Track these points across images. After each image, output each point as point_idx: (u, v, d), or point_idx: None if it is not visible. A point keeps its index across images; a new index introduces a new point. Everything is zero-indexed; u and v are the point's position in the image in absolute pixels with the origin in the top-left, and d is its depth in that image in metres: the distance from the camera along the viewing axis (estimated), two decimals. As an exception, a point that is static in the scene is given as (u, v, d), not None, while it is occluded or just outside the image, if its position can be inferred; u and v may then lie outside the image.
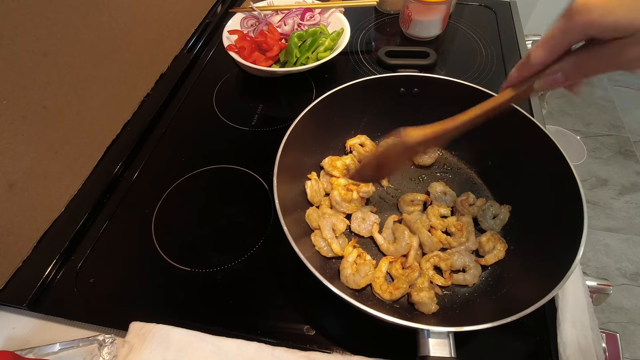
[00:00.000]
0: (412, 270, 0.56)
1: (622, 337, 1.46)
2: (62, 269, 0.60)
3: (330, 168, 0.67)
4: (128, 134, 0.77)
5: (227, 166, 0.73)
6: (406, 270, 0.57)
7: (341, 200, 0.63)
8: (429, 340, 0.42)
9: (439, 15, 0.93)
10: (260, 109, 0.84)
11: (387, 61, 0.71)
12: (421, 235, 0.59)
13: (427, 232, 0.60)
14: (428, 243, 0.59)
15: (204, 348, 0.50)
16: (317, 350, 0.52)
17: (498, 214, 0.63)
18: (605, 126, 2.20)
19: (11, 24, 0.52)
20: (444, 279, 0.57)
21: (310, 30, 0.87)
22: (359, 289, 0.56)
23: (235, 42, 0.85)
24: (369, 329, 0.54)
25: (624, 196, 1.89)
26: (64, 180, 0.65)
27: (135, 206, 0.68)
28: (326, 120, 0.67)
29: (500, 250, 0.58)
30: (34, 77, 0.57)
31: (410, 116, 0.72)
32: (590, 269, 1.66)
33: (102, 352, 0.50)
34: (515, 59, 0.93)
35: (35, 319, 0.57)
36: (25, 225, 0.60)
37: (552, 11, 1.62)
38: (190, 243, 0.63)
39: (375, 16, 1.08)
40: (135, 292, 0.59)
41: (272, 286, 0.58)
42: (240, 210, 0.67)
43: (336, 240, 0.59)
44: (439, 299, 0.55)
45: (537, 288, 0.46)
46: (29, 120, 0.57)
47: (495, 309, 0.52)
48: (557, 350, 0.51)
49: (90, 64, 0.67)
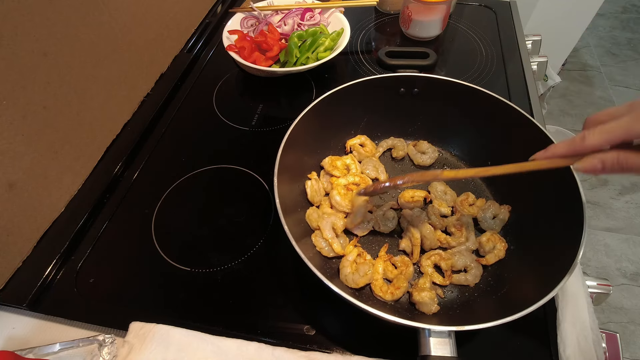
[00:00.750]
0: (406, 266, 0.57)
1: (622, 337, 1.46)
2: (62, 269, 0.60)
3: (330, 168, 0.67)
4: (128, 134, 0.77)
5: (227, 166, 0.73)
6: (400, 268, 0.57)
7: (341, 199, 0.63)
8: (430, 339, 0.42)
9: (439, 15, 0.93)
10: (260, 109, 0.84)
11: (387, 61, 0.71)
12: (423, 229, 0.59)
13: (429, 226, 0.60)
14: (430, 237, 0.59)
15: (204, 348, 0.50)
16: (317, 350, 0.52)
17: (498, 214, 0.63)
18: (605, 126, 2.19)
19: (11, 24, 0.52)
20: (442, 279, 0.57)
21: (310, 30, 0.87)
22: (358, 289, 0.56)
23: (235, 42, 0.85)
24: (369, 329, 0.54)
25: (624, 196, 1.89)
26: (64, 180, 0.65)
27: (135, 206, 0.68)
28: (326, 120, 0.67)
29: (501, 250, 0.58)
30: (34, 77, 0.57)
31: (410, 116, 0.73)
32: (590, 269, 1.66)
33: (102, 352, 0.50)
34: (516, 59, 0.93)
35: (35, 319, 0.57)
36: (25, 225, 0.60)
37: (552, 11, 1.62)
38: (190, 243, 0.63)
39: (375, 16, 1.09)
40: (135, 292, 0.59)
41: (272, 286, 0.58)
42: (240, 210, 0.67)
43: (337, 240, 0.59)
44: (439, 299, 0.55)
45: (537, 288, 0.46)
46: (29, 120, 0.57)
47: (496, 308, 0.52)
48: (557, 350, 0.51)
49: (90, 64, 0.67)
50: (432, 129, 0.73)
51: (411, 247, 0.60)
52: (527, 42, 1.00)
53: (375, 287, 0.56)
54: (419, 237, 0.59)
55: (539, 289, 0.45)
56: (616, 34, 2.79)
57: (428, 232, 0.59)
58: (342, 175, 0.66)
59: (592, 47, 2.68)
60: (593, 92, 2.39)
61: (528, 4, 1.60)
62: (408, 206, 0.64)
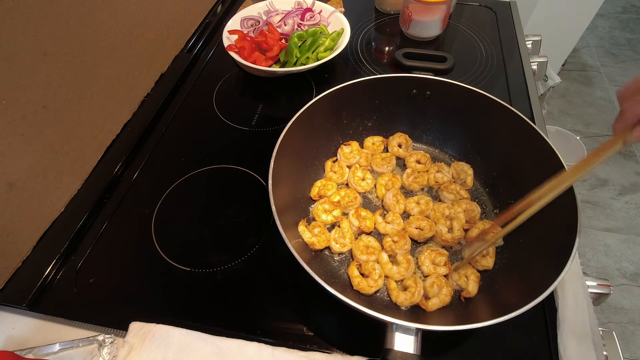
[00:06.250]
0: (408, 263, 0.57)
1: (622, 337, 1.47)
2: (62, 269, 0.60)
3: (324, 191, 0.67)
4: (128, 134, 0.77)
5: (227, 166, 0.73)
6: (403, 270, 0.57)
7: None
8: (395, 334, 0.43)
9: (439, 15, 0.93)
10: (260, 109, 0.84)
11: (404, 62, 0.71)
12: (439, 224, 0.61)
13: (445, 228, 0.61)
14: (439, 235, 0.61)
15: (204, 348, 0.50)
16: (317, 350, 0.52)
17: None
18: (605, 126, 2.20)
19: (11, 24, 0.52)
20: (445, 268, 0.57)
21: (310, 30, 0.87)
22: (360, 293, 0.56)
23: (235, 42, 0.85)
24: (370, 329, 0.53)
25: (624, 196, 1.89)
26: (64, 180, 0.65)
27: (135, 206, 0.68)
28: (326, 120, 0.68)
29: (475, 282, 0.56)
30: (34, 77, 0.57)
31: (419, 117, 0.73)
32: (590, 269, 1.66)
33: (102, 352, 0.50)
34: (516, 59, 0.93)
35: (35, 319, 0.56)
36: (25, 225, 0.60)
37: (552, 11, 1.62)
38: (190, 243, 0.63)
39: (375, 16, 1.09)
40: (135, 292, 0.58)
41: (272, 286, 0.58)
42: (240, 210, 0.67)
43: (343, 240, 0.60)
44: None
45: (527, 291, 0.46)
46: (29, 120, 0.57)
47: (488, 309, 0.52)
48: (557, 350, 0.51)
49: (90, 64, 0.67)
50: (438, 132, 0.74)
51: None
52: (527, 42, 1.00)
53: (392, 295, 0.56)
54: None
55: (529, 292, 0.45)
56: (616, 34, 2.79)
57: (445, 231, 0.60)
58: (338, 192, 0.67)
59: (592, 48, 2.69)
60: (593, 92, 2.39)
61: (528, 4, 1.60)
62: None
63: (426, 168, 0.69)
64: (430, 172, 0.68)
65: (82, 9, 0.63)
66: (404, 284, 0.56)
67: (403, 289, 0.56)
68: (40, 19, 0.56)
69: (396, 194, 0.65)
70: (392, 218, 0.63)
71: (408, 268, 0.57)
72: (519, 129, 0.61)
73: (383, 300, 0.56)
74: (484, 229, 0.59)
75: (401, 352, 0.42)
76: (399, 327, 0.43)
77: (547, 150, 0.57)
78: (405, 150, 0.72)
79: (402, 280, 0.57)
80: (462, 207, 0.64)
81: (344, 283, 0.57)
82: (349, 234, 0.60)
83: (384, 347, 0.43)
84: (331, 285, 0.45)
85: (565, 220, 0.51)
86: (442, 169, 0.68)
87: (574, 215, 0.50)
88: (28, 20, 0.55)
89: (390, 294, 0.56)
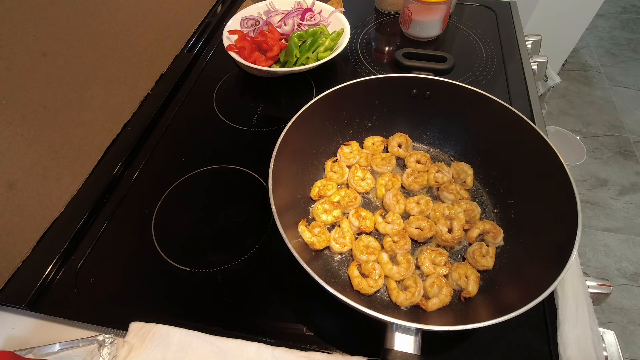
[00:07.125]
0: (408, 263, 0.57)
1: (622, 337, 1.47)
2: (62, 269, 0.60)
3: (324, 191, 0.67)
4: (128, 134, 0.77)
5: (227, 166, 0.73)
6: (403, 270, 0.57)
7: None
8: (395, 334, 0.43)
9: (439, 15, 0.93)
10: (260, 109, 0.84)
11: (404, 62, 0.71)
12: (438, 224, 0.61)
13: (445, 228, 0.61)
14: (439, 235, 0.60)
15: (204, 348, 0.50)
16: (317, 350, 0.52)
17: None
18: (605, 126, 2.20)
19: (11, 24, 0.52)
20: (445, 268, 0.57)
21: (310, 30, 0.87)
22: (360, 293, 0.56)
23: (235, 42, 0.85)
24: (370, 329, 0.53)
25: (624, 196, 1.89)
26: (64, 180, 0.65)
27: (135, 206, 0.68)
28: (326, 120, 0.68)
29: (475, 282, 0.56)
30: (34, 77, 0.57)
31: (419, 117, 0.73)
32: (590, 269, 1.66)
33: (102, 352, 0.50)
34: (516, 59, 0.93)
35: (35, 319, 0.56)
36: (25, 225, 0.60)
37: (552, 11, 1.62)
38: (190, 243, 0.63)
39: (375, 16, 1.09)
40: (135, 292, 0.58)
41: (272, 286, 0.58)
42: (240, 210, 0.67)
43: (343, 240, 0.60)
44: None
45: (527, 290, 0.46)
46: (29, 120, 0.57)
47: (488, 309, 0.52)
48: (557, 350, 0.51)
49: (90, 64, 0.67)
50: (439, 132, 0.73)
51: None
52: (527, 42, 1.00)
53: (392, 295, 0.55)
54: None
55: (527, 293, 0.45)
56: (616, 34, 2.79)
57: (444, 232, 0.60)
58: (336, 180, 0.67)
59: (592, 48, 2.69)
60: (593, 92, 2.39)
61: (528, 4, 1.60)
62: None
63: (426, 168, 0.69)
64: (430, 172, 0.68)
65: (82, 9, 0.63)
66: (404, 284, 0.56)
67: (403, 289, 0.56)
68: (40, 19, 0.56)
69: (396, 194, 0.65)
70: (392, 218, 0.63)
71: (408, 268, 0.57)
72: (519, 129, 0.61)
73: (383, 300, 0.56)
74: (485, 229, 0.59)
75: (401, 352, 0.42)
76: (399, 327, 0.43)
77: (547, 150, 0.57)
78: (405, 150, 0.72)
79: (402, 280, 0.57)
80: (462, 207, 0.64)
81: (344, 283, 0.57)
82: (349, 234, 0.60)
83: (384, 347, 0.43)
84: (331, 285, 0.45)
85: (565, 220, 0.51)
86: (442, 169, 0.68)
87: (574, 215, 0.50)
88: (28, 20, 0.55)
89: (390, 294, 0.56)
